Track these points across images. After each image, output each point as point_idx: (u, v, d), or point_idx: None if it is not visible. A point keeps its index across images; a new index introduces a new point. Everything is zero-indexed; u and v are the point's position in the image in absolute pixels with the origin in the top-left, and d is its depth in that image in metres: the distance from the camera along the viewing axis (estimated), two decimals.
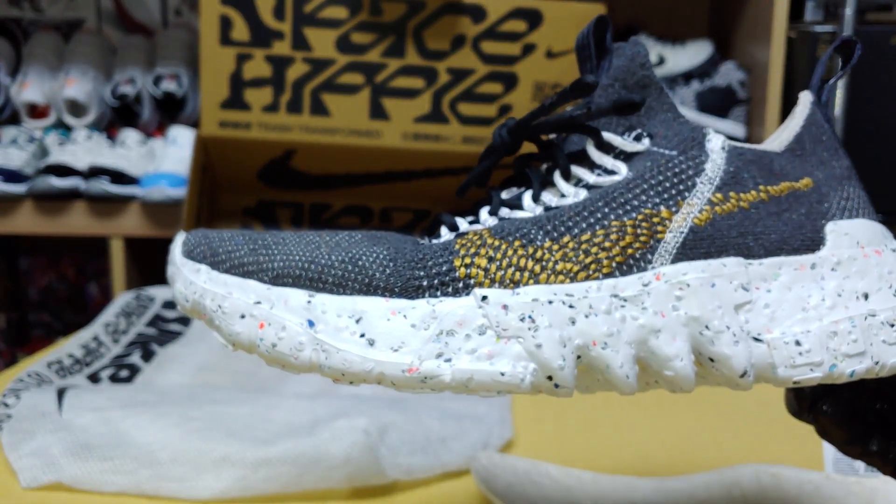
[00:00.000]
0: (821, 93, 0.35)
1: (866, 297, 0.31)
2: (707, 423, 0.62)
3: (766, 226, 0.31)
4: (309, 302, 0.28)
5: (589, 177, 0.31)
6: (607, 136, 0.32)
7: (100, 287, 1.59)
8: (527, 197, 0.32)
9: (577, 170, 0.32)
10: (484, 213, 0.32)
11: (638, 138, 0.32)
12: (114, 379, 0.68)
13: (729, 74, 1.30)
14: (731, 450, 0.58)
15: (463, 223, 0.32)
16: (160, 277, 1.16)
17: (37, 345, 1.57)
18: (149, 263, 1.34)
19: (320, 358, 0.27)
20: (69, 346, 0.72)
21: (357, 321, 0.28)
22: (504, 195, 0.33)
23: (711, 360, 0.29)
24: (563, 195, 0.31)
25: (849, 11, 1.19)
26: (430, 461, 0.52)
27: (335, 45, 1.06)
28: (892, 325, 0.30)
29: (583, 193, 0.31)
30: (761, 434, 0.60)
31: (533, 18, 1.07)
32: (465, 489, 0.51)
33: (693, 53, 1.36)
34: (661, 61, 1.36)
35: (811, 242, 0.31)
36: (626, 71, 0.32)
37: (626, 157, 0.32)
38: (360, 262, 0.29)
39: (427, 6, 1.06)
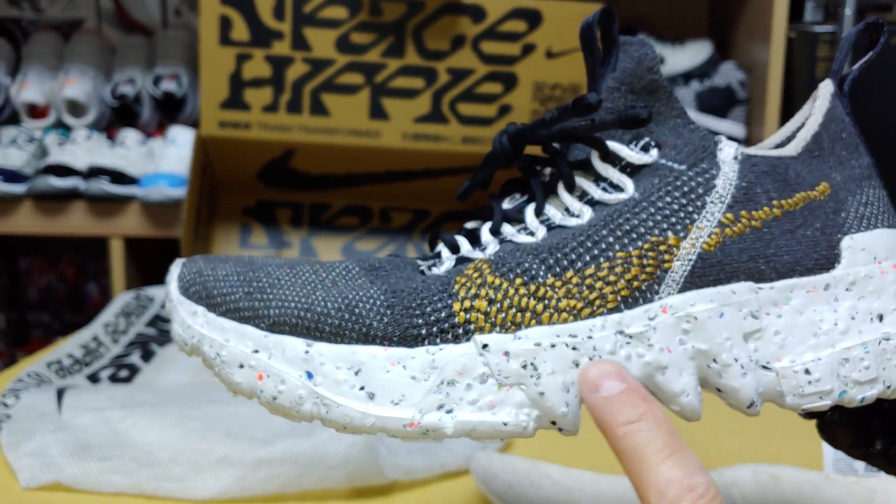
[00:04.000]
0: (843, 81, 0.33)
1: (881, 318, 0.30)
2: (706, 423, 0.62)
3: (779, 246, 0.30)
4: (307, 352, 0.27)
5: (594, 191, 0.30)
6: (613, 146, 0.30)
7: (99, 287, 1.59)
8: (529, 211, 0.31)
9: (581, 181, 0.31)
10: (485, 231, 0.31)
11: (645, 148, 0.30)
12: (113, 379, 0.68)
13: (729, 74, 1.30)
14: (731, 450, 0.58)
15: (464, 244, 0.31)
16: (160, 277, 1.16)
17: (36, 345, 1.56)
18: (148, 263, 1.34)
19: (321, 412, 0.27)
20: (69, 346, 0.72)
21: (356, 373, 0.27)
22: (506, 204, 0.32)
23: (719, 390, 0.29)
24: (566, 210, 0.30)
25: (849, 11, 1.19)
26: (429, 461, 0.52)
27: (335, 45, 1.06)
28: None
29: (587, 213, 0.30)
30: (761, 434, 0.60)
31: (533, 18, 1.07)
32: (464, 489, 0.51)
33: (693, 53, 1.36)
34: (661, 61, 1.36)
35: (825, 261, 0.30)
36: (633, 74, 0.30)
37: (633, 170, 0.30)
38: (356, 310, 0.28)
39: (427, 6, 1.06)
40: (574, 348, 0.27)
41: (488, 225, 0.31)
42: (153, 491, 0.49)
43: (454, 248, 0.31)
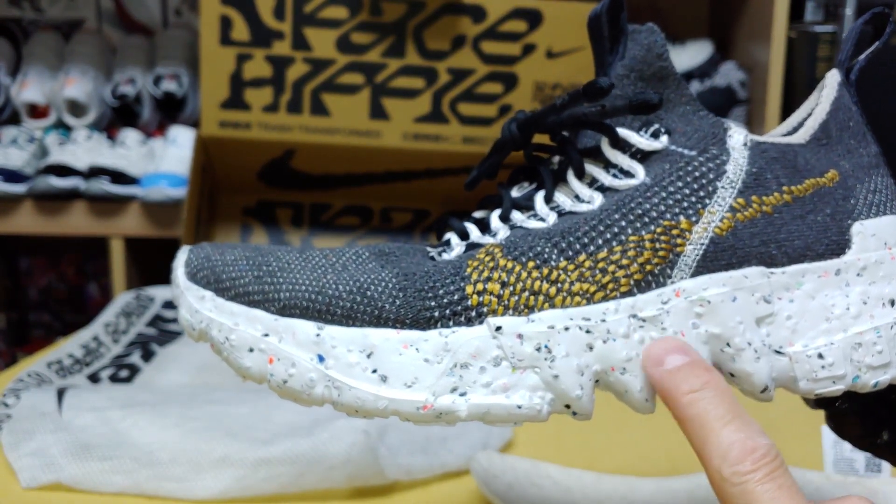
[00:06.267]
0: (849, 71, 0.33)
1: (892, 303, 0.30)
2: None
3: (790, 231, 0.30)
4: (318, 335, 0.27)
5: (604, 177, 0.30)
6: (623, 132, 0.30)
7: (100, 287, 1.59)
8: (539, 198, 0.31)
9: (591, 168, 0.30)
10: (495, 218, 0.31)
11: (655, 135, 0.30)
12: (114, 379, 0.68)
13: (729, 74, 1.30)
14: None
15: (474, 231, 0.31)
16: (160, 277, 1.16)
17: (37, 345, 1.56)
18: (149, 263, 1.34)
19: (333, 395, 0.27)
20: (69, 346, 0.72)
21: (368, 356, 0.27)
22: (515, 192, 0.32)
23: (732, 374, 0.29)
24: (576, 197, 0.30)
25: (849, 11, 1.19)
26: (430, 461, 0.52)
27: (335, 45, 1.06)
28: None
29: (598, 198, 0.30)
30: None
31: (533, 18, 1.07)
32: (465, 489, 0.51)
33: (693, 53, 1.36)
34: None
35: (836, 246, 0.30)
36: (643, 61, 0.30)
37: (643, 156, 0.30)
38: (368, 293, 0.28)
39: (427, 6, 1.06)
40: (588, 331, 0.27)
41: (497, 212, 0.31)
42: (153, 491, 0.48)
43: (464, 235, 0.31)
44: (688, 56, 1.36)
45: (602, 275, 0.28)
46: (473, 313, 0.28)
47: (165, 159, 1.27)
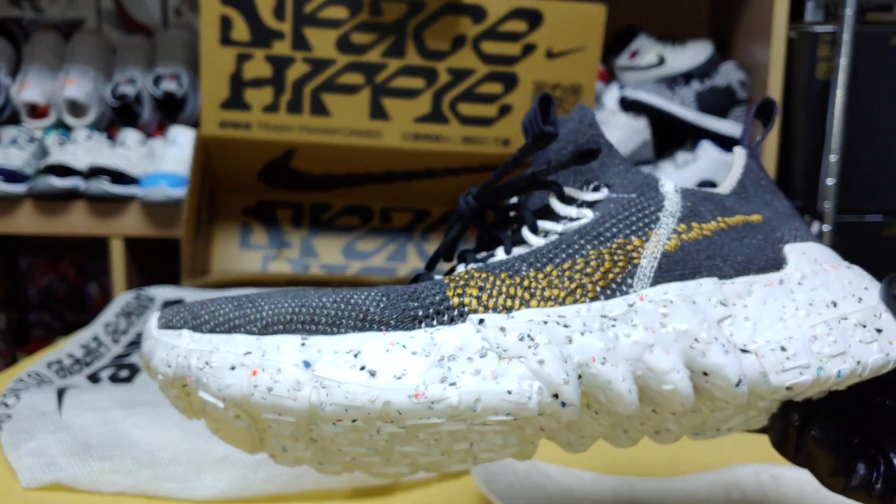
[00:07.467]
0: (752, 150, 0.38)
1: (835, 304, 0.32)
2: None
3: (732, 249, 0.33)
4: (303, 345, 0.27)
5: (556, 227, 0.32)
6: (568, 190, 0.33)
7: (100, 287, 1.59)
8: (500, 252, 0.33)
9: (544, 224, 0.33)
10: (460, 267, 0.33)
11: (596, 189, 0.33)
12: (114, 379, 0.68)
13: (729, 74, 1.30)
14: (731, 450, 0.58)
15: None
16: (160, 277, 1.16)
17: (37, 345, 1.57)
18: (149, 263, 1.34)
19: (321, 396, 0.26)
20: (69, 346, 0.72)
21: (355, 355, 0.27)
22: (478, 256, 0.34)
23: (705, 373, 0.29)
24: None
25: (849, 11, 1.19)
26: None
27: (335, 45, 1.06)
28: (864, 326, 0.31)
29: (554, 237, 0.32)
30: (761, 434, 0.60)
31: (533, 18, 1.07)
32: (465, 489, 0.51)
33: (693, 53, 1.36)
34: (662, 61, 1.36)
35: (774, 262, 0.33)
36: (577, 132, 0.33)
37: (590, 205, 0.33)
38: (352, 300, 0.28)
39: (427, 6, 1.06)
40: (566, 325, 0.29)
41: (462, 265, 0.33)
42: (154, 491, 0.49)
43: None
44: (688, 56, 1.36)
45: (569, 282, 0.30)
46: (456, 312, 0.29)
47: (165, 159, 1.27)
